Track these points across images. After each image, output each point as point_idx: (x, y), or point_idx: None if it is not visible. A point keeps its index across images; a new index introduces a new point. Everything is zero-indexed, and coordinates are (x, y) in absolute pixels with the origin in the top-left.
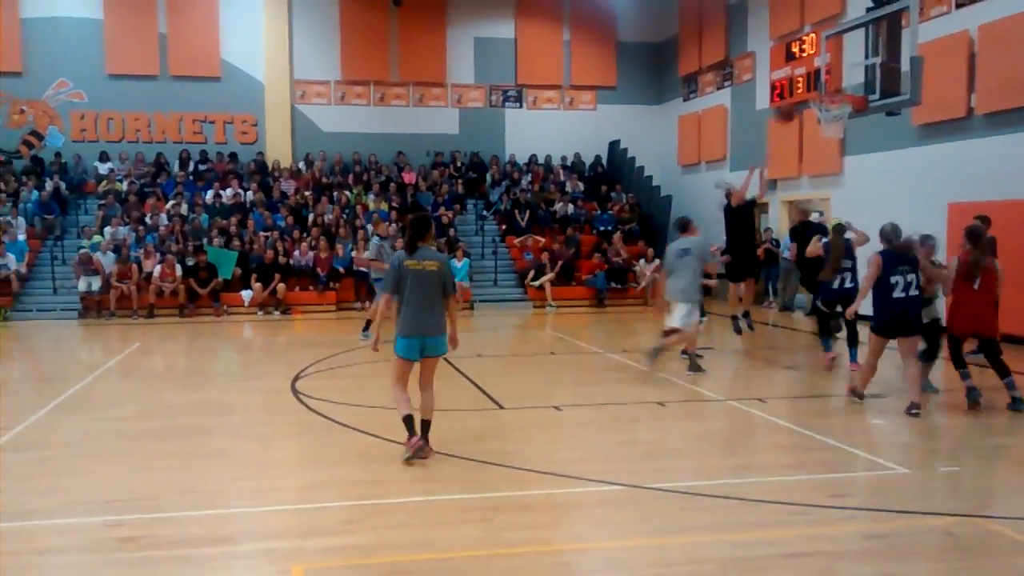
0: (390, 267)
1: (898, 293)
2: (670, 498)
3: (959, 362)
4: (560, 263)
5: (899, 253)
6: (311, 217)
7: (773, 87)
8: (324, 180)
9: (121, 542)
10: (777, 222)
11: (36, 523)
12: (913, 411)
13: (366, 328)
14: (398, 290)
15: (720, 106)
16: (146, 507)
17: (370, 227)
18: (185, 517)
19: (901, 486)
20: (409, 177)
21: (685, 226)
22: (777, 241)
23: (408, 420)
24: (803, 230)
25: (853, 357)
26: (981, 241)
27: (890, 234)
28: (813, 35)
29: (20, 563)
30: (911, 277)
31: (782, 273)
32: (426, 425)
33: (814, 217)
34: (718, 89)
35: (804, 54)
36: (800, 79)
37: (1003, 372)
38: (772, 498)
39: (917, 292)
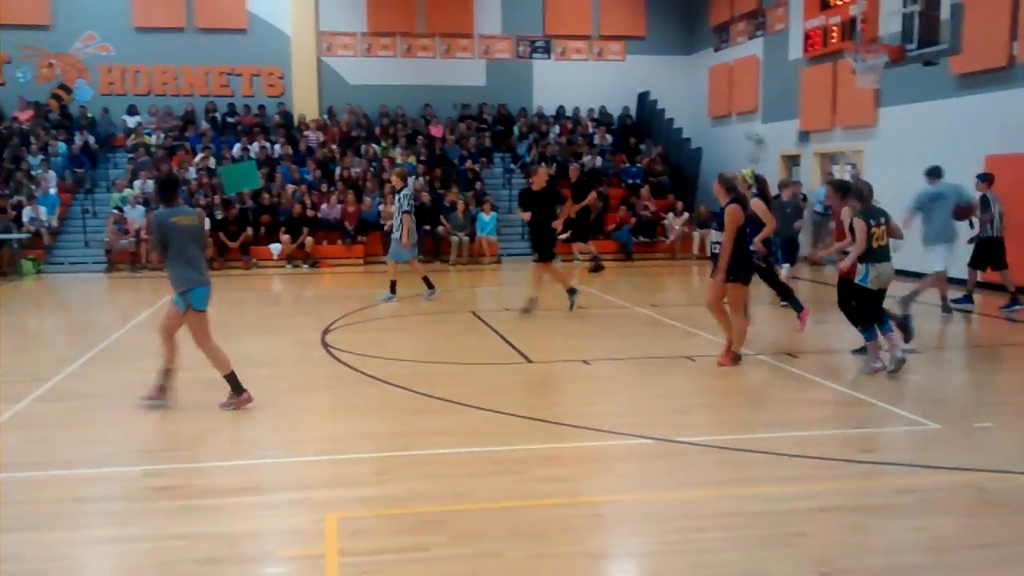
0: (157, 225)
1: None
2: (700, 452)
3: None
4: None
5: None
6: (338, 171)
7: (807, 36)
8: (351, 133)
9: (158, 491)
10: (809, 175)
11: (76, 472)
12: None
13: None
14: (166, 249)
15: (752, 56)
16: (182, 457)
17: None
18: (220, 467)
19: (933, 441)
20: (436, 130)
21: (938, 173)
22: (804, 196)
23: (231, 378)
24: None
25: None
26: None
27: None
28: None
29: (62, 510)
30: None
31: (812, 227)
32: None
33: (847, 170)
34: (750, 39)
35: (839, 2)
36: (835, 28)
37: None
38: (802, 452)
39: None
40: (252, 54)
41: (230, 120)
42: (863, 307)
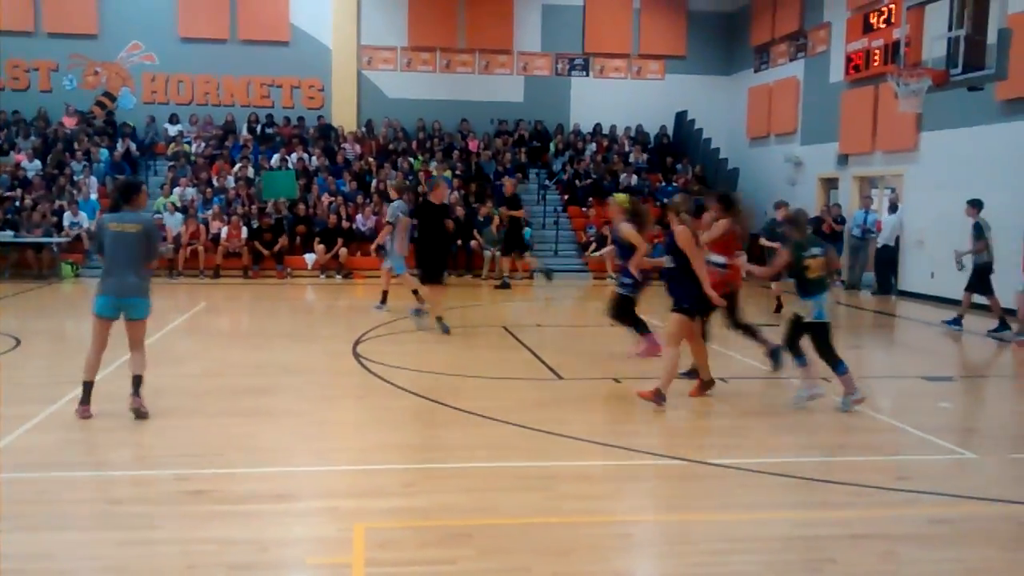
0: (96, 227)
1: None
2: (732, 474)
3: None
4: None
5: None
6: (374, 183)
7: (848, 59)
8: (388, 146)
9: (189, 495)
10: (848, 198)
11: (110, 474)
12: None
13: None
14: (102, 250)
15: (792, 78)
16: (213, 462)
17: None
18: (251, 473)
19: (968, 471)
20: (472, 145)
21: None
22: (843, 218)
23: (88, 387)
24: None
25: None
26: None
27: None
28: (893, 6)
29: (95, 511)
30: None
31: (849, 251)
32: (138, 380)
33: (887, 194)
34: (791, 60)
35: (883, 26)
36: (877, 51)
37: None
38: (835, 478)
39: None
40: (294, 66)
41: (269, 131)
42: (824, 341)
